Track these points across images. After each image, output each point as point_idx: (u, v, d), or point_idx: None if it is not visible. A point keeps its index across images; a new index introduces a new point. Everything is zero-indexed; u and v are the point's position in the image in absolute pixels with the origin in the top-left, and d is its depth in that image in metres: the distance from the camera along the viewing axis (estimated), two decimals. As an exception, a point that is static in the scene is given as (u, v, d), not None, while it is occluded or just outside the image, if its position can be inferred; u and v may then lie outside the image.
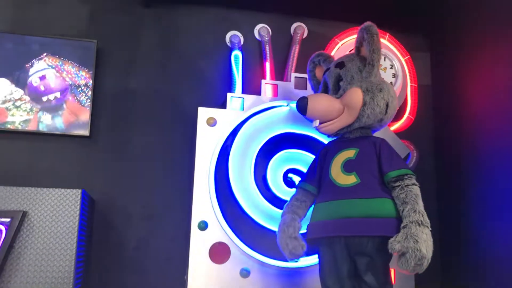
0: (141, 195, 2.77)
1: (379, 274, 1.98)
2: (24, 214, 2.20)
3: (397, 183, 2.00)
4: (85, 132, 2.71)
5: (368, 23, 2.14)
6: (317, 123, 2.18)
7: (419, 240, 1.81)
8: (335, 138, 2.31)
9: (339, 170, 2.10)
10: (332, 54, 2.80)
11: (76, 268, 2.25)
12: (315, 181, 2.23)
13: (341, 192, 2.05)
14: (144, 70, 2.91)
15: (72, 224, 2.25)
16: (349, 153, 2.13)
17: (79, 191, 2.29)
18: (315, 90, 2.52)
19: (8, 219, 2.18)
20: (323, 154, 2.26)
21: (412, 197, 1.95)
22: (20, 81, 2.70)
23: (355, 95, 2.09)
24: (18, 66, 2.71)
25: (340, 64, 2.23)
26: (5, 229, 2.16)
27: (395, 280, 2.47)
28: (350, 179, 2.05)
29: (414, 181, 2.01)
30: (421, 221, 1.87)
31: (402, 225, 1.90)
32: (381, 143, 2.13)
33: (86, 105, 2.73)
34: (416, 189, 1.99)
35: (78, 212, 2.26)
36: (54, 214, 2.25)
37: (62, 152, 2.72)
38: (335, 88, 2.25)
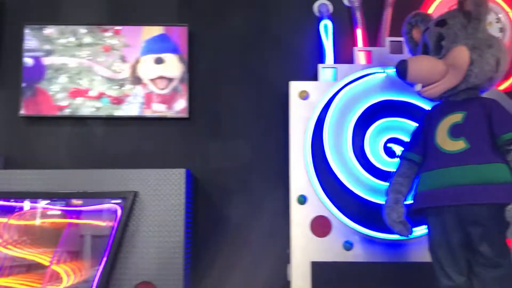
0: (240, 171, 2.84)
1: (495, 244, 1.86)
2: (136, 194, 2.35)
3: None
4: (184, 114, 2.82)
5: None
6: (419, 87, 2.07)
7: None
8: (439, 102, 2.17)
9: (445, 135, 1.98)
10: (429, 13, 2.61)
11: (185, 243, 2.37)
12: (419, 149, 2.13)
13: (449, 158, 1.94)
14: (234, 49, 2.96)
15: (179, 201, 2.37)
16: (456, 117, 2.00)
17: (183, 170, 2.40)
18: (414, 53, 2.37)
19: (122, 200, 2.34)
20: (427, 120, 2.14)
21: None
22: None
23: (461, 54, 1.94)
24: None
25: (441, 22, 2.08)
26: (120, 208, 2.32)
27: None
28: (458, 145, 1.93)
29: None
30: None
31: None
32: (492, 104, 1.98)
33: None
34: None
35: (183, 190, 2.37)
36: (162, 193, 2.38)
37: (165, 134, 2.87)
38: (436, 48, 2.10)
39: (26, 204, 2.42)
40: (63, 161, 2.83)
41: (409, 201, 2.14)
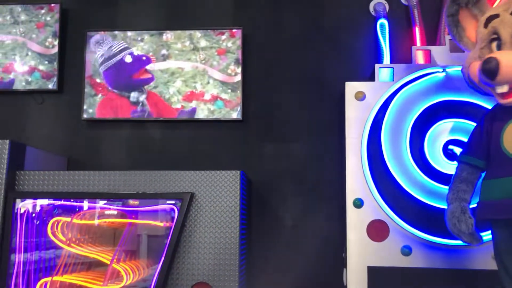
0: (295, 174, 2.83)
1: None
2: (192, 195, 2.39)
3: None
4: (238, 116, 2.85)
5: None
6: (505, 88, 1.81)
7: None
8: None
9: None
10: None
11: (241, 245, 2.38)
12: (481, 153, 1.96)
13: None
14: (289, 50, 2.96)
15: (234, 203, 2.38)
16: None
17: (238, 172, 2.41)
18: (456, 39, 2.10)
19: (178, 201, 2.38)
20: (489, 121, 1.96)
21: None
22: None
23: None
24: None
25: None
26: (177, 209, 2.36)
27: None
28: None
29: None
30: None
31: None
32: None
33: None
34: None
35: (238, 192, 2.39)
36: (218, 194, 2.40)
37: (219, 136, 2.91)
38: None
39: (85, 204, 2.51)
40: (122, 162, 2.93)
41: (472, 205, 2.04)
